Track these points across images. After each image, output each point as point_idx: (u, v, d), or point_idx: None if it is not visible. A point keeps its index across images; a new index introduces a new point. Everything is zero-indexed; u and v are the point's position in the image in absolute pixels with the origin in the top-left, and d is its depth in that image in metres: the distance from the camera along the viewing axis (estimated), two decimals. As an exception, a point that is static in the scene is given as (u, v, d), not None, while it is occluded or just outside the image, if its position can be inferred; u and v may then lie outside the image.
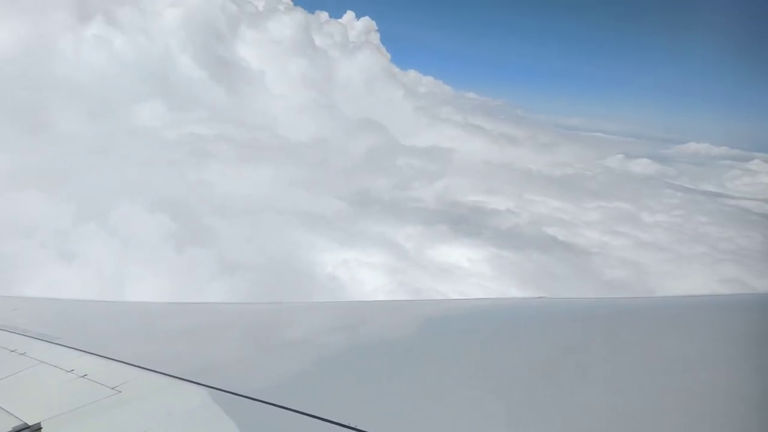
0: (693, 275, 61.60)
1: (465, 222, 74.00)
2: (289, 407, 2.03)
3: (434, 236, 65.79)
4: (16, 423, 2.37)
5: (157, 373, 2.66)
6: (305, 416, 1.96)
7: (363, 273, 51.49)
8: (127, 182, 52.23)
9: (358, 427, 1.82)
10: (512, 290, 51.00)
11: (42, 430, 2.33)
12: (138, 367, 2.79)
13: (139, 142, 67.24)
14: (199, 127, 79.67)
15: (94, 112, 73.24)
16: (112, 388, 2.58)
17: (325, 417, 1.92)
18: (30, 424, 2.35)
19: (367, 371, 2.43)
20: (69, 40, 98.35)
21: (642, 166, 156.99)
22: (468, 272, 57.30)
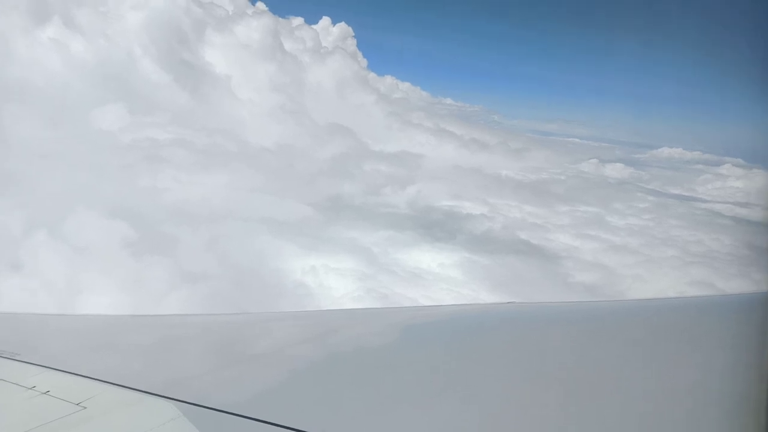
0: (663, 278, 61.92)
1: (438, 227, 73.58)
2: (261, 419, 2.01)
3: (405, 241, 65.17)
4: None
5: (124, 388, 2.60)
6: (277, 427, 1.95)
7: (331, 279, 50.59)
8: (81, 189, 50.54)
9: None
10: (483, 295, 50.55)
11: None
12: (103, 381, 2.72)
13: (96, 148, 65.33)
14: (160, 132, 77.98)
15: (50, 116, 71.12)
16: (77, 405, 2.49)
17: (297, 428, 1.92)
18: None
19: (339, 381, 2.40)
20: (25, 42, 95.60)
21: (615, 170, 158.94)
22: (439, 277, 56.75)
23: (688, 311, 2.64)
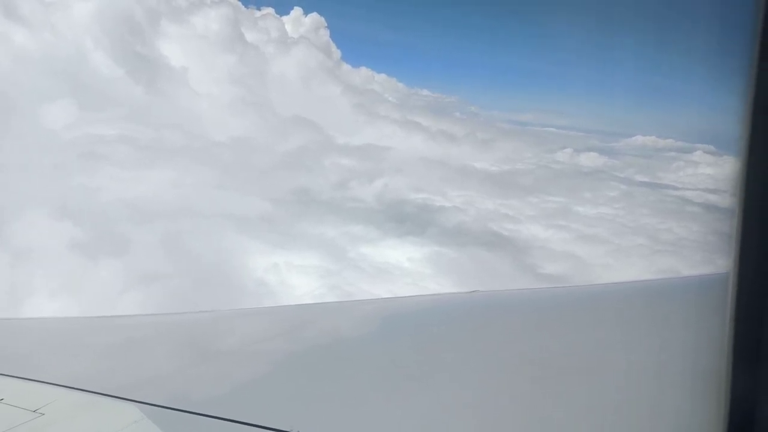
0: (631, 267, 62.02)
1: (408, 220, 72.82)
2: (226, 418, 2.00)
3: (373, 236, 64.38)
4: None
5: (82, 391, 2.54)
6: (245, 426, 1.94)
7: (294, 277, 49.57)
8: (26, 189, 48.58)
9: None
10: (451, 289, 49.94)
11: None
12: (60, 386, 2.64)
13: (41, 146, 63.03)
14: (111, 128, 75.17)
15: None
16: (34, 411, 2.43)
17: (263, 425, 1.91)
18: None
19: (304, 376, 2.38)
20: None
21: (590, 159, 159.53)
22: (407, 272, 56.06)
23: (650, 293, 2.65)
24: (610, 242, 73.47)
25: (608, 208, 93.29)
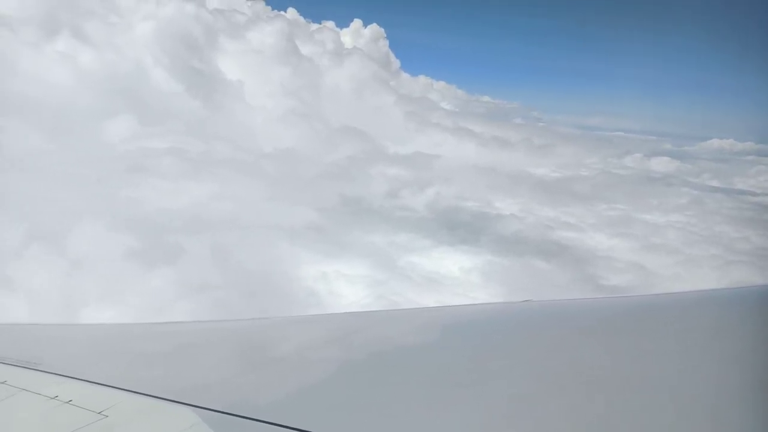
0: (702, 279, 58.05)
1: (461, 228, 71.25)
2: (279, 423, 2.03)
3: (425, 245, 63.35)
4: None
5: (144, 396, 2.63)
6: (294, 431, 1.97)
7: (342, 286, 49.40)
8: (87, 201, 50.98)
9: None
10: (501, 300, 48.26)
11: None
12: (123, 390, 2.75)
13: (103, 159, 66.13)
14: (170, 142, 77.98)
15: (58, 129, 72.35)
16: (99, 413, 2.53)
17: (311, 430, 1.94)
18: None
19: (357, 384, 2.40)
20: (35, 57, 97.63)
21: (661, 164, 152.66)
22: (457, 282, 54.71)
23: (707, 305, 2.52)
24: (680, 252, 69.18)
25: (679, 215, 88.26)
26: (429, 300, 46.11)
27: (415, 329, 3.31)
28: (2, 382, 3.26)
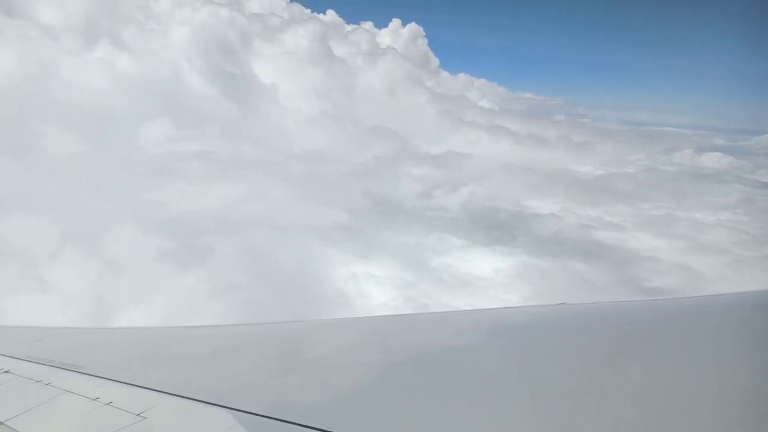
0: (754, 281, 54.99)
1: (498, 229, 69.65)
2: (319, 427, 2.03)
3: (459, 246, 62.19)
4: None
5: (182, 398, 2.66)
6: None
7: (372, 287, 48.90)
8: (122, 203, 52.14)
9: None
10: (535, 302, 46.81)
11: None
12: (162, 392, 2.80)
13: (139, 162, 67.64)
14: (204, 145, 79.32)
15: (96, 134, 74.35)
16: (138, 415, 2.58)
17: None
18: None
19: (391, 387, 2.40)
20: (74, 63, 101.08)
21: (712, 160, 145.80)
22: (491, 283, 53.40)
23: (753, 308, 2.44)
24: (729, 252, 65.73)
25: (730, 213, 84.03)
26: (461, 302, 45.17)
27: (445, 333, 3.28)
28: (47, 384, 3.41)
